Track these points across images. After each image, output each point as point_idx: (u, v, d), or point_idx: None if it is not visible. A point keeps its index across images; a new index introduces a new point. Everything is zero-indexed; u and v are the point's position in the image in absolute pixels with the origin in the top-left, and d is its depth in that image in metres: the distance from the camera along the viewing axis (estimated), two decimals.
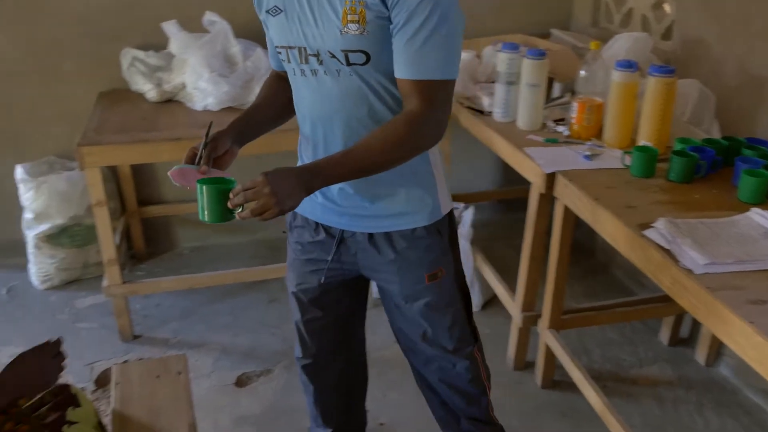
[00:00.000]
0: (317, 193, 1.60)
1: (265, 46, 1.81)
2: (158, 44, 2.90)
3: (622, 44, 2.51)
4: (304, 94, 1.49)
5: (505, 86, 2.34)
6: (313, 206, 1.64)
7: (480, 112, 2.50)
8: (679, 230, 1.60)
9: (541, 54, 2.23)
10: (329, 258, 1.65)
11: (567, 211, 2.08)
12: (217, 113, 2.61)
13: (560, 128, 2.30)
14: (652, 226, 1.63)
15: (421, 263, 1.59)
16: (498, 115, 2.40)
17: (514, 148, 2.19)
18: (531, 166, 2.10)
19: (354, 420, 2.05)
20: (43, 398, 1.63)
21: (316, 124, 1.50)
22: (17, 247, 3.12)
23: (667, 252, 1.54)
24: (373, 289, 2.49)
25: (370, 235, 1.58)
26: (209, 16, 2.75)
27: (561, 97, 2.53)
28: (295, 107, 1.56)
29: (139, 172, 3.20)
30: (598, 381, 2.25)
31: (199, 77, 2.59)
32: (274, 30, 1.47)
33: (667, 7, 2.78)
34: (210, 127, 1.48)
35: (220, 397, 2.42)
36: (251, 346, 2.69)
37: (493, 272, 2.65)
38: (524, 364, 2.52)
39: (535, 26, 3.25)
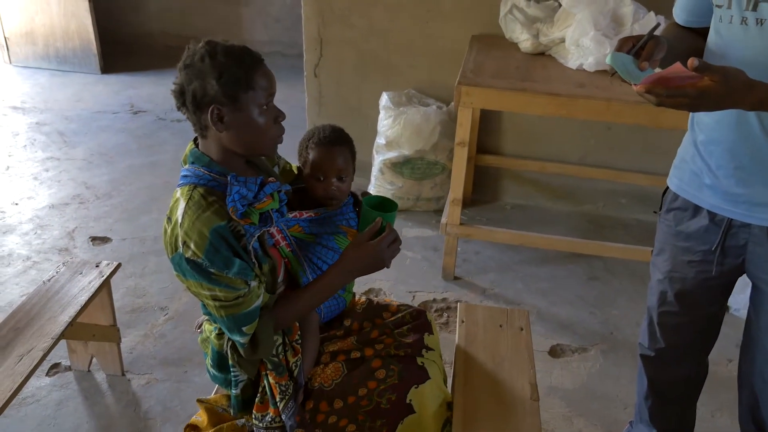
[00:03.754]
0: (705, 173, 1.41)
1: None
2: None
3: None
4: (732, 47, 1.30)
5: None
6: (698, 188, 1.45)
7: None
8: None
9: None
10: (713, 248, 1.46)
11: None
12: (591, 74, 2.49)
13: None
14: None
15: None
16: None
17: None
18: None
19: (682, 427, 1.88)
20: (404, 318, 1.71)
21: None
22: (363, 168, 3.34)
23: None
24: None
25: None
26: None
27: None
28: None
29: (486, 119, 3.22)
30: None
31: (584, 34, 2.47)
32: None
33: None
34: (656, 27, 1.34)
35: None
36: (567, 319, 2.60)
37: None
38: None
39: None
